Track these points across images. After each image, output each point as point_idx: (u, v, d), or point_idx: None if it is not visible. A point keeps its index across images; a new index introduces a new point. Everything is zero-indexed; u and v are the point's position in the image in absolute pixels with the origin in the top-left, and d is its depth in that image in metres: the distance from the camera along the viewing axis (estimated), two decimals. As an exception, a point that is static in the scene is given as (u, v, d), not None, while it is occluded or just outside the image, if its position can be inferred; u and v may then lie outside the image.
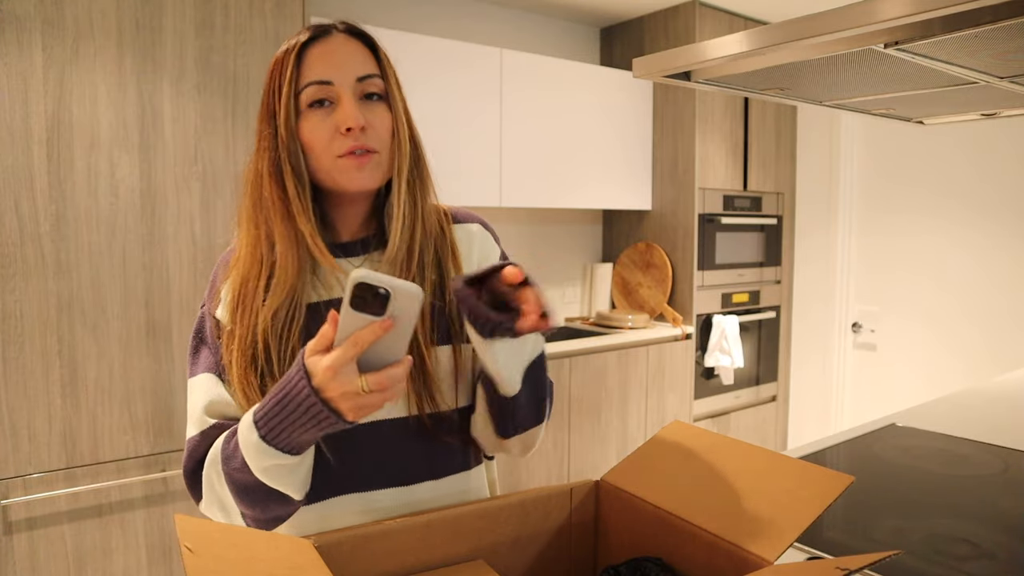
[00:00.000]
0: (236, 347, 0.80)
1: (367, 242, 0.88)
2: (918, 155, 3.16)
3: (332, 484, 0.83)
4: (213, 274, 0.89)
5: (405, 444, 0.85)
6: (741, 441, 0.79)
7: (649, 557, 0.75)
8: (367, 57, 0.83)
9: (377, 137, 0.82)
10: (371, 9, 2.74)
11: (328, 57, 0.80)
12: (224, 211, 1.95)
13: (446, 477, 0.88)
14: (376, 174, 0.83)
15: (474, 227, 0.94)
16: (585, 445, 2.85)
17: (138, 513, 1.87)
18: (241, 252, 0.84)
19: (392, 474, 0.85)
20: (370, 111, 0.82)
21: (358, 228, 0.89)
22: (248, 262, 0.83)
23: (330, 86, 0.80)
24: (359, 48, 0.83)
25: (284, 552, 0.62)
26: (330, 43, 0.81)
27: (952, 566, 0.89)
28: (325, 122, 0.80)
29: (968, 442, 1.41)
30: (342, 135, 0.80)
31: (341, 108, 0.80)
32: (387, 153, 0.84)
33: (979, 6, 0.72)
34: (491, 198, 2.80)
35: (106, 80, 1.77)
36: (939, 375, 3.11)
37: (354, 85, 0.81)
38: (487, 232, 0.95)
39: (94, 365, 1.80)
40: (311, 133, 0.80)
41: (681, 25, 3.16)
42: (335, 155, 0.80)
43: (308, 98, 0.80)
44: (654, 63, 1.12)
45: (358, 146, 0.80)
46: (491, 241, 0.95)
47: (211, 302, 0.86)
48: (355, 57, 0.82)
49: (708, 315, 3.27)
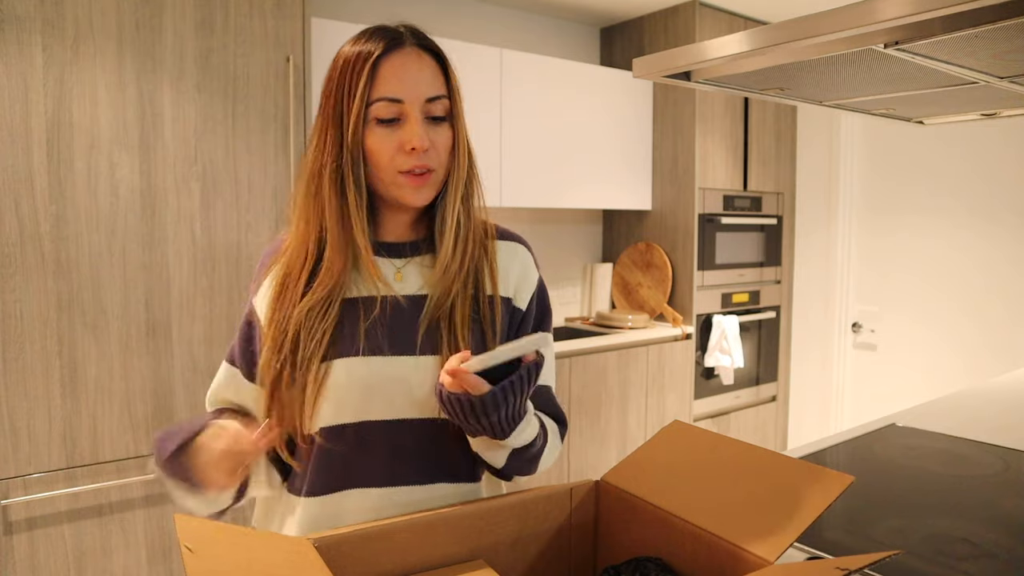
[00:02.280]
0: (269, 334, 0.84)
1: (416, 246, 0.90)
2: (918, 155, 3.16)
3: (350, 477, 0.85)
4: (260, 263, 0.93)
5: (424, 443, 0.86)
6: (741, 441, 0.79)
7: (649, 557, 0.75)
8: (436, 75, 0.85)
9: (437, 157, 0.85)
10: (371, 9, 2.74)
11: (401, 73, 0.82)
12: (224, 211, 1.95)
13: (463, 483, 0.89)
14: (432, 191, 0.86)
15: (519, 248, 0.96)
16: (585, 445, 2.85)
17: (138, 513, 1.87)
18: (290, 243, 0.88)
19: (410, 472, 0.85)
20: (434, 131, 0.84)
21: (407, 231, 0.91)
22: (295, 255, 0.86)
23: (400, 104, 0.82)
24: (429, 64, 0.85)
25: (284, 552, 0.62)
26: (403, 57, 0.83)
27: (952, 566, 0.89)
28: (391, 137, 0.82)
29: (968, 442, 1.41)
30: (405, 153, 0.82)
31: (408, 127, 0.82)
32: (444, 170, 0.87)
33: (979, 6, 0.72)
34: (491, 198, 2.77)
35: (106, 80, 1.77)
36: (939, 375, 3.11)
37: (423, 105, 0.83)
38: (529, 255, 0.97)
39: (94, 365, 1.80)
40: (376, 145, 0.83)
41: (681, 25, 3.16)
42: (397, 170, 0.83)
43: (377, 112, 0.82)
44: (654, 63, 1.12)
45: (419, 165, 0.83)
46: (531, 264, 0.96)
47: (253, 289, 0.91)
48: (425, 75, 0.84)
49: (708, 315, 3.27)
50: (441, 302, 0.85)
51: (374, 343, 0.83)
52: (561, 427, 0.94)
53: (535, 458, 0.87)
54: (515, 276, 0.93)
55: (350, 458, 0.84)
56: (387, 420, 0.84)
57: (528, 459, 0.86)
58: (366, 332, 0.84)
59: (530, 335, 0.78)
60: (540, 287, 0.96)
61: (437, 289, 0.86)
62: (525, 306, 0.92)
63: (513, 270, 0.93)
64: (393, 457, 0.85)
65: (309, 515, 0.85)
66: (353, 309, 0.85)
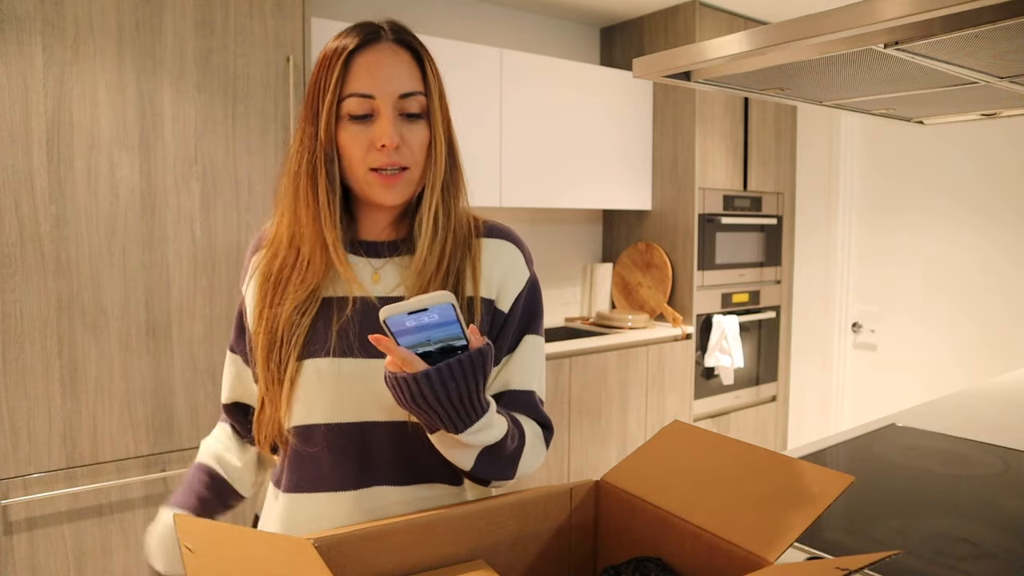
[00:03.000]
0: (262, 330, 0.84)
1: (396, 245, 0.88)
2: (918, 155, 3.16)
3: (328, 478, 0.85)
4: (247, 255, 0.94)
5: (405, 445, 0.85)
6: (741, 441, 0.79)
7: (649, 557, 0.75)
8: (412, 71, 0.82)
9: (411, 154, 0.83)
10: (371, 9, 2.75)
11: (374, 69, 0.80)
12: (224, 211, 1.95)
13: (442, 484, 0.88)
14: (406, 190, 0.84)
15: (506, 245, 0.91)
16: (585, 445, 2.85)
17: (138, 513, 1.87)
18: (279, 231, 0.87)
19: (388, 473, 0.85)
20: (408, 128, 0.82)
21: (387, 230, 0.90)
22: (285, 245, 0.86)
23: (372, 100, 0.80)
24: (405, 60, 0.82)
25: (284, 552, 0.62)
26: (378, 52, 0.81)
27: (952, 566, 0.89)
28: (363, 134, 0.81)
29: (968, 442, 1.41)
30: (376, 150, 0.81)
31: (379, 124, 0.80)
32: (419, 168, 0.84)
33: (979, 6, 0.72)
34: (491, 198, 2.80)
35: (106, 80, 1.77)
36: (939, 375, 3.11)
37: (395, 101, 0.81)
38: (519, 252, 0.91)
39: (94, 365, 1.80)
40: (348, 142, 0.81)
41: (681, 25, 3.16)
42: (367, 167, 0.82)
43: (349, 108, 0.80)
44: (654, 63, 1.12)
45: (390, 163, 0.81)
46: (520, 262, 0.91)
47: (242, 278, 0.92)
48: (400, 71, 0.81)
49: (708, 315, 3.27)
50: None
51: (345, 344, 0.82)
52: (546, 432, 0.89)
53: (512, 461, 0.82)
54: (499, 276, 0.88)
55: (321, 459, 0.84)
56: (356, 422, 0.83)
57: (503, 462, 0.81)
58: (338, 333, 0.83)
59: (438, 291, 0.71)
60: (530, 287, 0.91)
61: (413, 291, 0.83)
62: (508, 308, 0.88)
63: (497, 270, 0.88)
64: (363, 460, 0.84)
65: (288, 511, 0.86)
66: (328, 309, 0.84)
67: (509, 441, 0.80)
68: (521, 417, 0.86)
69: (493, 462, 0.80)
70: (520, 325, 0.90)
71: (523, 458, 0.84)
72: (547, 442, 0.89)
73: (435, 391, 0.69)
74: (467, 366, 0.69)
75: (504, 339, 0.88)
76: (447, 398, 0.70)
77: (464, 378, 0.70)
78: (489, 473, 0.81)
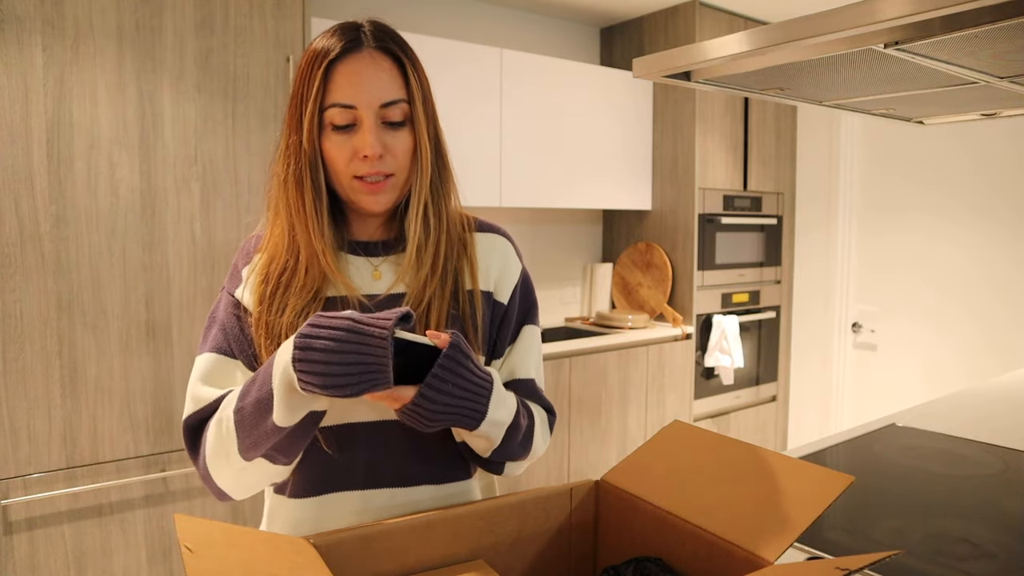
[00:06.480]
0: (264, 333, 0.83)
1: (390, 244, 0.90)
2: (918, 155, 3.16)
3: (331, 480, 0.84)
4: (236, 258, 0.92)
5: (407, 445, 0.85)
6: (741, 441, 0.79)
7: (649, 557, 0.75)
8: (394, 78, 0.82)
9: (395, 161, 0.83)
10: (370, 9, 2.74)
11: (354, 79, 0.80)
12: (224, 211, 1.95)
13: (446, 484, 0.89)
14: (392, 196, 0.85)
15: (498, 239, 0.95)
16: (585, 445, 2.85)
17: (138, 513, 1.87)
18: (274, 235, 0.87)
19: (392, 474, 0.85)
20: (391, 136, 0.82)
21: (379, 230, 0.91)
22: (283, 249, 0.85)
23: (353, 110, 0.80)
24: (387, 68, 0.81)
25: (284, 552, 0.62)
26: (358, 61, 0.80)
27: (952, 566, 0.89)
28: (346, 144, 0.81)
29: (968, 442, 1.41)
30: (359, 159, 0.81)
31: (361, 134, 0.80)
32: (405, 173, 0.85)
33: (979, 6, 0.72)
34: (491, 198, 2.80)
35: (106, 80, 1.77)
36: (939, 375, 3.11)
37: (377, 111, 0.81)
38: (510, 245, 0.96)
39: (94, 365, 1.80)
40: (333, 151, 0.82)
41: (681, 25, 3.16)
42: (352, 175, 0.82)
43: (331, 118, 0.80)
44: (654, 63, 1.12)
45: (374, 172, 0.82)
46: (513, 255, 0.95)
47: (231, 284, 0.88)
48: (381, 80, 0.81)
49: (708, 315, 3.27)
50: (418, 300, 0.84)
51: None
52: (550, 416, 0.93)
53: (527, 439, 0.86)
54: (496, 269, 0.92)
55: (331, 461, 0.84)
56: (368, 422, 0.84)
57: (521, 439, 0.84)
58: None
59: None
60: (523, 279, 0.94)
61: (412, 287, 0.85)
62: (507, 299, 0.91)
63: (494, 263, 0.92)
64: (373, 460, 0.84)
65: (293, 518, 0.85)
66: (333, 307, 0.84)
67: (522, 418, 0.85)
68: (527, 401, 0.90)
69: (514, 441, 0.84)
70: (519, 316, 0.93)
71: (535, 437, 0.88)
72: (551, 426, 0.93)
73: (440, 397, 0.72)
74: (450, 362, 0.73)
75: (505, 330, 0.91)
76: (452, 396, 0.73)
77: (450, 378, 0.73)
78: (510, 451, 0.84)
